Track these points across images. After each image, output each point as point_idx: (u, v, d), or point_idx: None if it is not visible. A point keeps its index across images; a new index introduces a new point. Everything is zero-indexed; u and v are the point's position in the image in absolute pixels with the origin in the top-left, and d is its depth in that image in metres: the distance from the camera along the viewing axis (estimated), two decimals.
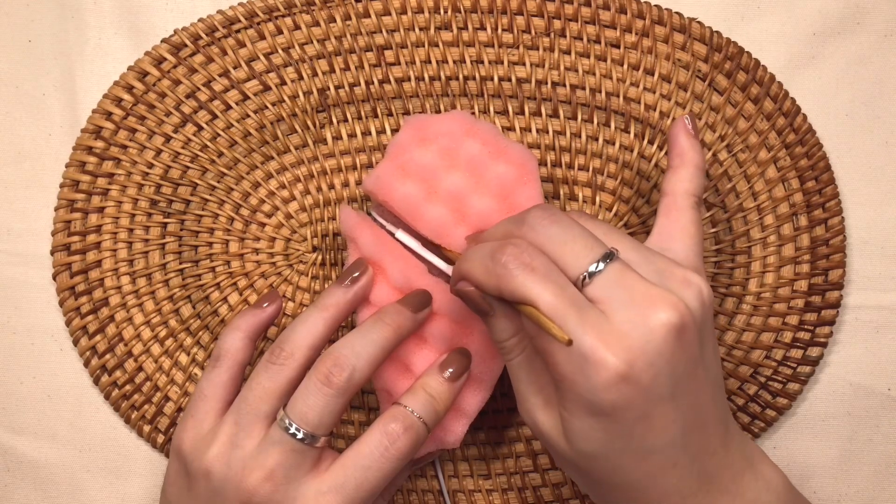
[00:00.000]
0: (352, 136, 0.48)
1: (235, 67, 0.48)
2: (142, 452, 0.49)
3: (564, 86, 0.48)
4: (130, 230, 0.48)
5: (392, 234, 0.43)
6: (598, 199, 0.48)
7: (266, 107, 0.48)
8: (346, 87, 0.48)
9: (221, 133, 0.48)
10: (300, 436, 0.37)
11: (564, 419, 0.35)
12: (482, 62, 0.48)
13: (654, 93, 0.48)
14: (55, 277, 0.48)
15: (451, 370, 0.40)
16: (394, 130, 0.48)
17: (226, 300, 0.48)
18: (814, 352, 0.47)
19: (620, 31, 0.48)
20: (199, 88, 0.48)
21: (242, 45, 0.48)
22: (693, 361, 0.34)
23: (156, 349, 0.48)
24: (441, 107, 0.48)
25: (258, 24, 0.48)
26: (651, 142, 0.48)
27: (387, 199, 0.42)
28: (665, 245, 0.38)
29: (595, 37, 0.48)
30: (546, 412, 0.36)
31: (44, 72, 0.50)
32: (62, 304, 0.48)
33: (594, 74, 0.48)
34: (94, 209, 0.48)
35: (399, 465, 0.38)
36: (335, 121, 0.48)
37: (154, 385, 0.48)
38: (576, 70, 0.48)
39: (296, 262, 0.48)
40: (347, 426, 0.48)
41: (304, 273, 0.48)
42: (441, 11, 0.48)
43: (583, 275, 0.34)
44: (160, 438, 0.48)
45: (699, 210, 0.39)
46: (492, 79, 0.48)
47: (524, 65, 0.48)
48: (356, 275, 0.41)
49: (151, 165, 0.48)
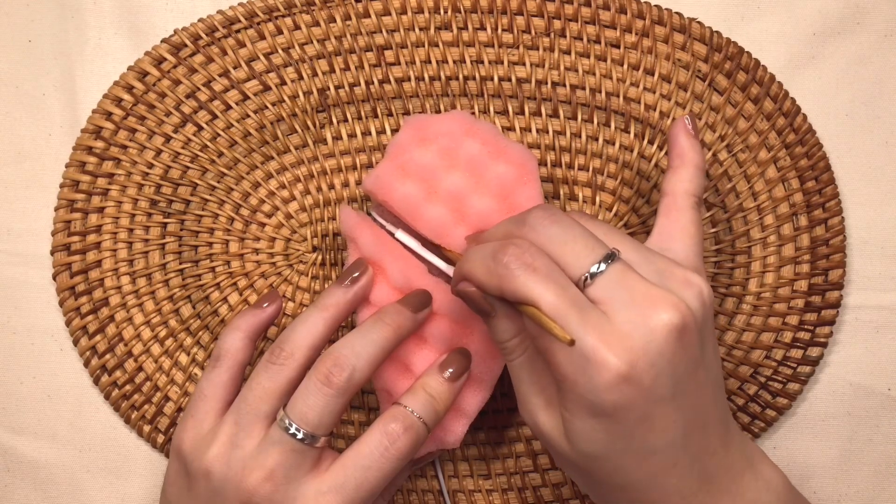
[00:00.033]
0: (352, 136, 0.48)
1: (235, 67, 0.48)
2: (142, 452, 0.49)
3: (564, 86, 0.48)
4: (130, 230, 0.48)
5: (392, 234, 0.43)
6: (598, 199, 0.48)
7: (266, 107, 0.48)
8: (346, 87, 0.48)
9: (221, 133, 0.48)
10: (300, 436, 0.37)
11: (566, 420, 0.35)
12: (482, 62, 0.48)
13: (654, 93, 0.48)
14: (55, 277, 0.48)
15: (451, 370, 0.40)
16: (394, 130, 0.48)
17: (226, 300, 0.48)
18: (814, 352, 0.47)
19: (620, 31, 0.48)
20: (199, 88, 0.48)
21: (242, 45, 0.48)
22: (694, 362, 0.34)
23: (156, 349, 0.48)
24: (441, 107, 0.48)
25: (258, 24, 0.48)
26: (651, 142, 0.48)
27: (387, 199, 0.42)
28: (665, 245, 0.38)
29: (595, 37, 0.48)
30: (547, 413, 0.36)
31: (44, 72, 0.50)
32: (62, 304, 0.48)
33: (594, 74, 0.48)
34: (94, 209, 0.48)
35: (399, 465, 0.38)
36: (335, 121, 0.48)
37: (154, 385, 0.48)
38: (576, 70, 0.48)
39: (296, 262, 0.48)
40: (347, 426, 0.48)
41: (304, 273, 0.48)
42: (441, 11, 0.48)
43: (584, 275, 0.34)
44: (160, 438, 0.48)
45: (699, 210, 0.39)
46: (492, 79, 0.48)
47: (524, 65, 0.48)
48: (356, 275, 0.41)
49: (151, 165, 0.48)
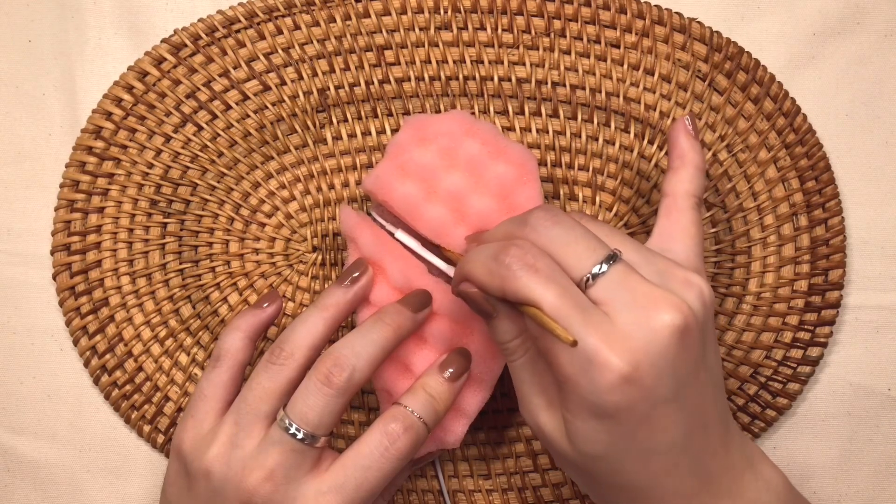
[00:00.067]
0: (352, 136, 0.48)
1: (235, 67, 0.48)
2: (142, 452, 0.49)
3: (564, 86, 0.48)
4: (130, 230, 0.48)
5: (392, 234, 0.43)
6: (598, 199, 0.48)
7: (266, 107, 0.48)
8: (346, 87, 0.48)
9: (221, 133, 0.48)
10: (300, 436, 0.37)
11: (567, 420, 0.35)
12: (482, 62, 0.48)
13: (654, 93, 0.48)
14: (55, 277, 0.48)
15: (451, 370, 0.40)
16: (394, 130, 0.48)
17: (226, 300, 0.48)
18: (814, 352, 0.47)
19: (620, 31, 0.48)
20: (199, 88, 0.48)
21: (242, 45, 0.48)
22: (695, 362, 0.34)
23: (156, 349, 0.48)
24: (441, 107, 0.48)
25: (258, 24, 0.48)
26: (651, 142, 0.48)
27: (386, 199, 0.42)
28: (666, 246, 0.38)
29: (595, 37, 0.48)
30: (549, 413, 0.36)
31: (44, 72, 0.50)
32: (62, 304, 0.48)
33: (594, 74, 0.48)
34: (94, 209, 0.48)
35: (399, 465, 0.38)
36: (335, 121, 0.48)
37: (154, 385, 0.48)
38: (576, 70, 0.48)
39: (296, 262, 0.48)
40: (347, 426, 0.48)
41: (304, 273, 0.48)
42: (441, 11, 0.48)
43: (586, 276, 0.34)
44: (160, 438, 0.48)
45: (699, 211, 0.39)
46: (492, 79, 0.48)
47: (524, 65, 0.48)
48: (356, 275, 0.41)
49: (151, 165, 0.48)
